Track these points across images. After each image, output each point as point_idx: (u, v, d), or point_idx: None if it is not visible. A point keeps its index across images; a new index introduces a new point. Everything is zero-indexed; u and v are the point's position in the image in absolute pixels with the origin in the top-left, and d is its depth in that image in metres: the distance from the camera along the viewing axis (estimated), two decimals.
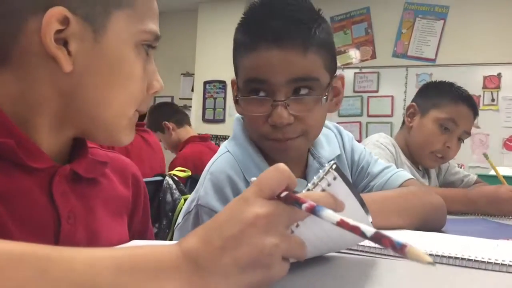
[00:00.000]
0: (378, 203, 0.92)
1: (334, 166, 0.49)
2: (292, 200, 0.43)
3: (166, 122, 2.96)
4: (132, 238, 0.75)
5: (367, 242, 0.66)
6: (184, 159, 2.66)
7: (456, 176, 1.85)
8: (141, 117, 2.43)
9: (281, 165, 0.45)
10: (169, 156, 2.85)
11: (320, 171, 0.50)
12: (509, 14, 4.22)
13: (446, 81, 1.74)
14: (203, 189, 0.89)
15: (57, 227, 0.59)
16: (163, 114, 2.99)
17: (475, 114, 1.66)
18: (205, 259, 0.40)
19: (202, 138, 2.94)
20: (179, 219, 0.94)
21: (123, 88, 0.62)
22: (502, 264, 0.64)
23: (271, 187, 0.44)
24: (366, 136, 4.60)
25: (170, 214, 2.01)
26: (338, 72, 0.96)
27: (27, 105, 0.58)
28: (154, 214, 1.95)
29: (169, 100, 5.31)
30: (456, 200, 1.41)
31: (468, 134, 1.67)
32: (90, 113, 0.61)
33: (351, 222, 0.40)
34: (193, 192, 0.94)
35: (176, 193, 2.05)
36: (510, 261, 0.64)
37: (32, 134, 0.59)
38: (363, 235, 0.39)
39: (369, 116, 4.69)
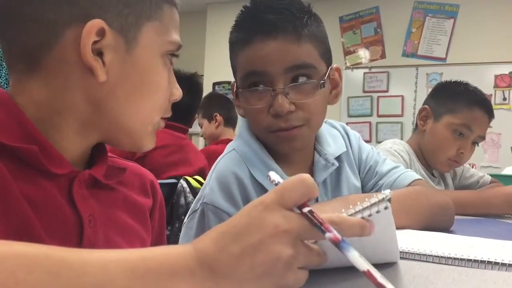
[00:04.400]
0: None
1: (389, 197, 0.49)
2: (315, 222, 0.43)
3: (217, 114, 2.94)
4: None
5: None
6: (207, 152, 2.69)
7: (472, 179, 1.82)
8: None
9: (306, 176, 0.45)
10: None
11: (375, 198, 0.49)
12: None
13: (461, 81, 1.68)
14: (209, 187, 0.90)
15: (79, 231, 0.60)
16: (220, 106, 2.98)
17: (491, 117, 1.62)
18: (221, 265, 0.40)
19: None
20: (186, 218, 0.95)
21: (151, 97, 0.64)
22: (509, 265, 0.64)
23: (294, 199, 0.44)
24: (376, 136, 4.59)
25: (183, 217, 2.01)
26: (347, 72, 0.96)
27: (54, 111, 0.59)
28: (167, 217, 1.94)
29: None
30: (470, 203, 1.38)
31: (482, 138, 1.63)
32: (117, 121, 0.63)
33: (379, 277, 0.38)
34: (200, 191, 0.95)
35: (190, 197, 2.03)
36: None
37: (57, 139, 0.60)
38: None
39: (379, 116, 4.67)
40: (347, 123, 1.11)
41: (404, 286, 0.51)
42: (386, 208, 0.49)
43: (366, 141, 1.11)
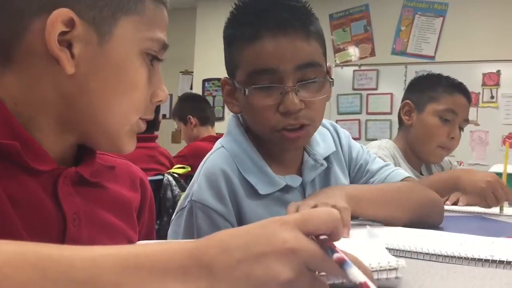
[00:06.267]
0: (378, 193, 0.94)
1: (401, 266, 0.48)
2: (327, 246, 0.41)
3: (191, 117, 2.93)
4: (138, 239, 0.75)
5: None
6: (188, 151, 2.68)
7: None
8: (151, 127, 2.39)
9: (335, 212, 0.43)
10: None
11: (386, 264, 0.48)
12: (508, 10, 4.21)
13: (433, 73, 1.76)
14: (197, 185, 0.89)
15: (62, 229, 0.59)
16: (192, 107, 2.97)
17: (470, 100, 1.67)
18: (220, 265, 0.39)
19: (216, 138, 2.94)
20: (174, 215, 0.94)
21: (126, 95, 0.62)
22: (499, 261, 0.64)
23: (316, 226, 0.42)
24: (366, 134, 4.61)
25: (171, 210, 2.03)
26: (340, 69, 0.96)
27: (30, 105, 0.58)
28: (155, 211, 1.97)
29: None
30: (441, 180, 1.44)
31: (467, 121, 1.68)
32: (92, 118, 0.61)
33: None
34: (187, 188, 0.94)
35: (176, 190, 2.07)
36: (505, 259, 0.64)
37: (36, 135, 0.58)
38: None
39: (368, 113, 4.69)
40: (336, 121, 1.12)
41: (392, 283, 0.51)
42: (396, 278, 0.47)
43: (356, 139, 1.11)
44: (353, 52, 4.79)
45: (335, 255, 0.39)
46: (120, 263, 0.37)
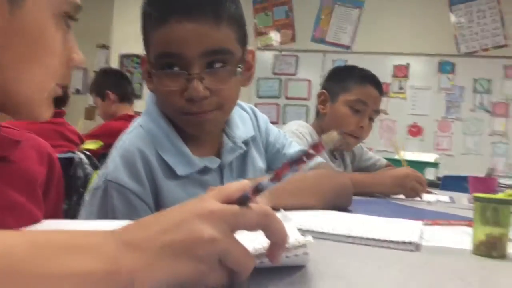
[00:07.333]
0: (297, 184, 0.97)
1: (309, 242, 0.49)
2: (243, 198, 0.43)
3: (109, 92, 2.81)
4: (44, 217, 0.72)
5: None
6: (101, 130, 2.59)
7: (369, 162, 1.96)
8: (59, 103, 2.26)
9: (244, 181, 0.45)
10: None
11: (296, 241, 0.48)
12: (419, 9, 4.47)
13: (348, 64, 1.85)
14: (113, 164, 0.87)
15: None
16: (110, 82, 2.84)
17: (381, 93, 1.75)
18: (139, 240, 0.38)
19: (133, 117, 2.85)
20: (87, 196, 0.91)
21: (43, 63, 0.59)
22: (399, 242, 0.69)
23: (229, 192, 0.43)
24: (284, 119, 4.71)
25: (82, 190, 1.95)
26: (252, 48, 0.97)
27: None
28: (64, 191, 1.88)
29: (81, 72, 5.05)
30: (365, 183, 1.51)
31: (377, 112, 1.76)
32: (9, 88, 0.57)
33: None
34: (102, 168, 0.91)
35: (89, 168, 1.99)
36: (405, 239, 0.69)
37: None
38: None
39: (287, 98, 4.78)
40: (256, 104, 1.13)
41: (302, 259, 0.53)
42: (305, 254, 0.49)
43: (274, 123, 1.14)
44: (275, 36, 4.85)
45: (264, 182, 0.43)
46: (30, 239, 0.36)
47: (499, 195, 0.71)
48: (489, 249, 0.68)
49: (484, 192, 0.73)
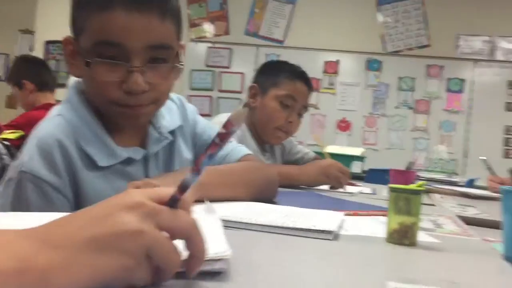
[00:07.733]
0: (226, 176, 0.97)
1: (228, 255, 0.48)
2: (173, 201, 0.42)
3: (26, 81, 2.65)
4: None
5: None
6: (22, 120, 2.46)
7: (298, 155, 2.01)
8: None
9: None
10: None
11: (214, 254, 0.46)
12: (349, 6, 4.62)
13: (280, 59, 1.87)
14: (28, 154, 0.82)
15: None
16: (28, 71, 2.68)
17: (310, 89, 1.80)
18: (57, 237, 0.36)
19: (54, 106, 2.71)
20: (0, 186, 0.86)
21: None
22: (319, 231, 0.72)
23: (158, 191, 0.42)
24: (217, 111, 4.70)
25: None
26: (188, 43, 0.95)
27: None
28: None
29: (2, 58, 4.75)
30: (292, 175, 1.55)
31: (306, 108, 1.80)
32: None
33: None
34: (18, 158, 0.86)
35: (6, 159, 1.88)
36: (324, 228, 0.72)
37: None
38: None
39: (220, 91, 4.77)
40: (189, 96, 1.12)
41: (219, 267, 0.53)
42: (222, 266, 0.47)
43: (207, 115, 1.13)
44: (208, 28, 4.81)
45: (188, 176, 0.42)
46: None
47: (411, 186, 0.75)
48: (401, 237, 0.72)
49: (403, 184, 0.77)
